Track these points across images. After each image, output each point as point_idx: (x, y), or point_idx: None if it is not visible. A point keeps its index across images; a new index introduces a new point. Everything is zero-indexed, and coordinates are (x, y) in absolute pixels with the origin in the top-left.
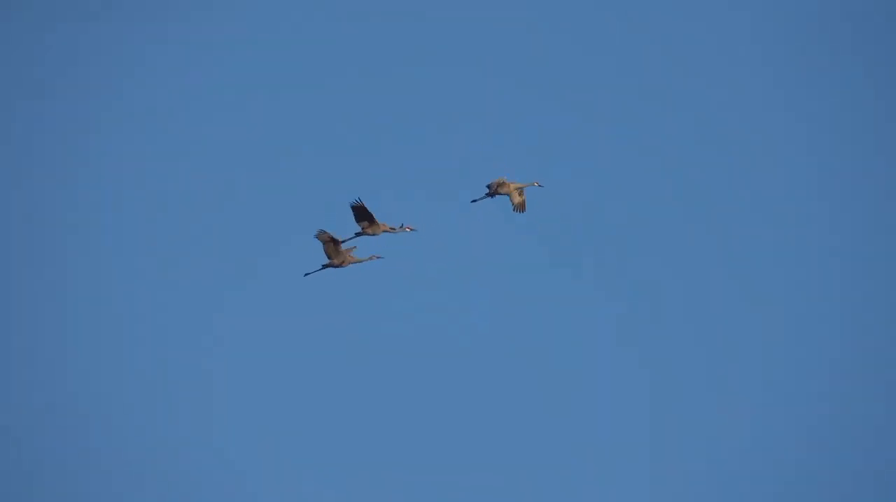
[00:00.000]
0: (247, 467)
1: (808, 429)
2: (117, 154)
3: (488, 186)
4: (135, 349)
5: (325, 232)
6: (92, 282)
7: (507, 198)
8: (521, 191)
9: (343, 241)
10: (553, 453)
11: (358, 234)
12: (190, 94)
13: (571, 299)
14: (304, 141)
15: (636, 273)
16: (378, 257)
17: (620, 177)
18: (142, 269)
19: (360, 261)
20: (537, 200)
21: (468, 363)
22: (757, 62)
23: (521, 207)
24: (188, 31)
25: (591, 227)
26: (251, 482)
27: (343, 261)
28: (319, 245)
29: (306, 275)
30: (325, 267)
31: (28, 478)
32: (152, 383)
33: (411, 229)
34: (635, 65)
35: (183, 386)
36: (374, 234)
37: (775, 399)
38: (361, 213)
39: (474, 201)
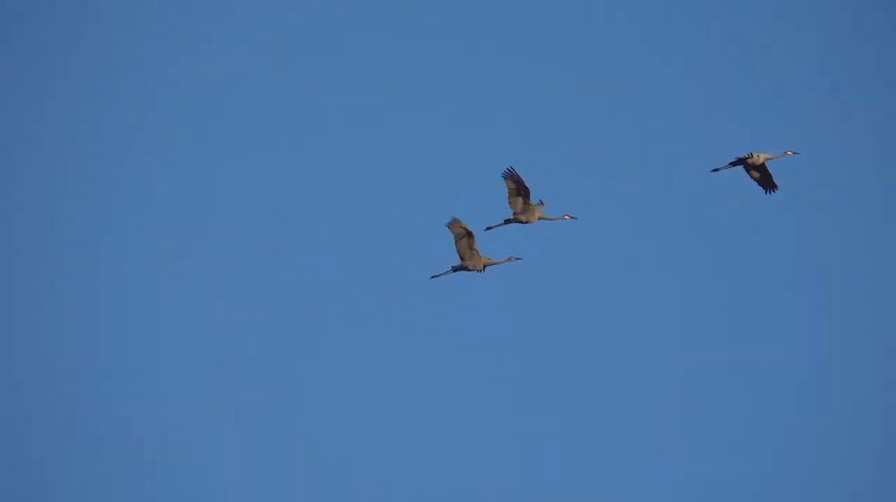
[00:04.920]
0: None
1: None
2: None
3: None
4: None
5: (459, 221)
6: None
7: (748, 171)
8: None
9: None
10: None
11: (507, 221)
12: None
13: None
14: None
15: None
16: (517, 258)
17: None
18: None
19: (497, 263)
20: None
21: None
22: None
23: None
24: (196, 32)
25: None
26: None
27: (476, 264)
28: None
29: (433, 277)
30: (456, 269)
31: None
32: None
33: (571, 217)
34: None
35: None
36: (527, 222)
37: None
38: (517, 186)
39: (716, 170)
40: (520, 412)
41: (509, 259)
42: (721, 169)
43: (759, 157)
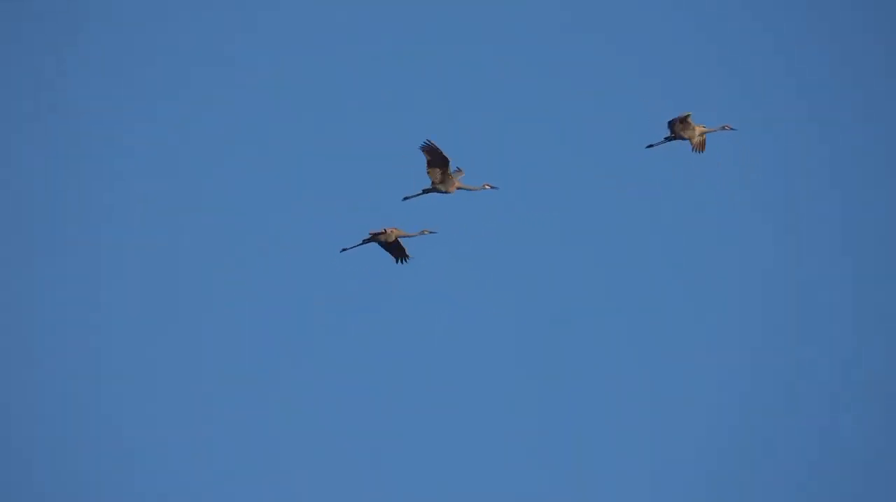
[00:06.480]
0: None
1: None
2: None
3: (671, 125)
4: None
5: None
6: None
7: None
8: (703, 134)
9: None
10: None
11: (426, 191)
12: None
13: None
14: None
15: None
16: (431, 232)
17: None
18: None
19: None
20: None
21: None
22: None
23: (700, 147)
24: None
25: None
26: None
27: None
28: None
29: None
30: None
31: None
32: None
33: (492, 187)
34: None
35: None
36: (446, 192)
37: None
38: (435, 158)
39: (650, 146)
40: (516, 412)
41: (422, 232)
42: (657, 145)
43: (696, 130)
